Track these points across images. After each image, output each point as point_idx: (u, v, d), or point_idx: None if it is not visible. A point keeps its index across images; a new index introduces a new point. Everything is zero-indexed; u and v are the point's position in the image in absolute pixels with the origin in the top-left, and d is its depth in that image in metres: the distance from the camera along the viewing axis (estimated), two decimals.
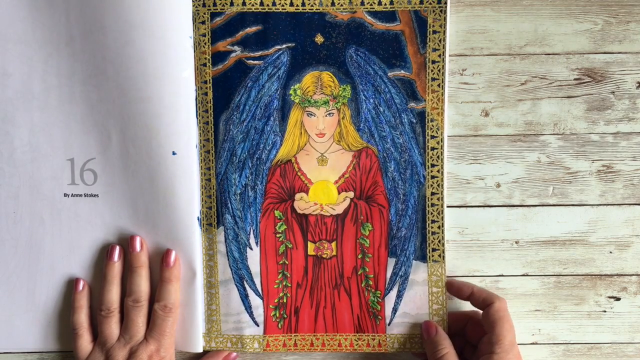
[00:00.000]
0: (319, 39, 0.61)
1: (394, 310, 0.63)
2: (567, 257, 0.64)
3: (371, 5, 0.60)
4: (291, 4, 0.60)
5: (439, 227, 0.62)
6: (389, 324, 0.63)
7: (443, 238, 0.62)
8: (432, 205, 0.62)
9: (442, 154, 0.61)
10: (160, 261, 0.61)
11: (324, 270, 0.63)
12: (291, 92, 0.61)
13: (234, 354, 0.63)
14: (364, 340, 0.63)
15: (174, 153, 0.59)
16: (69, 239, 0.61)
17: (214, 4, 0.60)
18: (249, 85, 0.61)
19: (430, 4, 0.60)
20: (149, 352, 0.59)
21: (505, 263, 0.64)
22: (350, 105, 0.62)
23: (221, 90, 0.61)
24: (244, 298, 0.63)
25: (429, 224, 0.62)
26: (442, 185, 0.62)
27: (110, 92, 0.59)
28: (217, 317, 0.63)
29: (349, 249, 0.63)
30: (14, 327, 0.62)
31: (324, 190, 0.63)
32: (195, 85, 0.61)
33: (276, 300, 0.63)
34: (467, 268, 0.64)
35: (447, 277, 0.63)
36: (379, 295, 0.63)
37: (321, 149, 0.62)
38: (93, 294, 0.62)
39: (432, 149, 0.61)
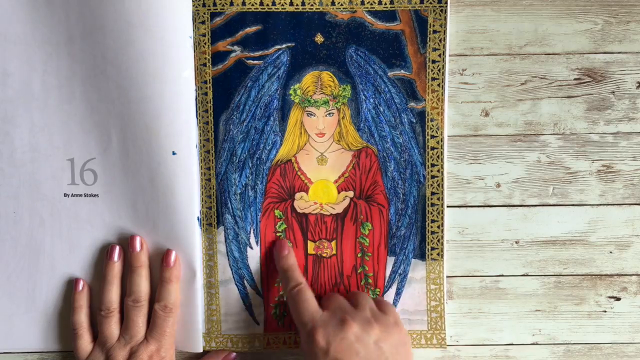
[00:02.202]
0: (319, 38, 0.61)
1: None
2: (567, 257, 0.64)
3: (371, 4, 0.60)
4: (291, 4, 0.60)
5: (438, 227, 0.62)
6: None
7: (442, 237, 0.62)
8: (432, 205, 0.62)
9: (442, 154, 0.61)
10: (160, 261, 0.61)
11: (324, 269, 0.63)
12: (291, 92, 0.61)
13: (234, 354, 0.63)
14: None
15: (174, 153, 0.59)
16: (69, 239, 0.61)
17: (214, 4, 0.60)
18: (249, 85, 0.61)
19: (430, 3, 0.60)
20: (149, 352, 0.59)
21: (505, 263, 0.64)
22: (350, 105, 0.62)
23: (221, 90, 0.61)
24: (245, 297, 0.63)
25: (428, 224, 0.62)
26: (442, 185, 0.62)
27: (110, 92, 0.59)
28: (217, 317, 0.63)
29: (349, 248, 0.63)
30: (14, 327, 0.62)
31: (323, 189, 0.63)
32: (195, 85, 0.61)
33: (277, 299, 0.63)
34: (467, 268, 0.64)
35: (447, 276, 0.63)
36: (378, 292, 0.63)
37: (321, 149, 0.62)
38: (93, 294, 0.62)
39: (432, 148, 0.61)
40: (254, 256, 0.63)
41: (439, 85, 0.61)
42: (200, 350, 0.63)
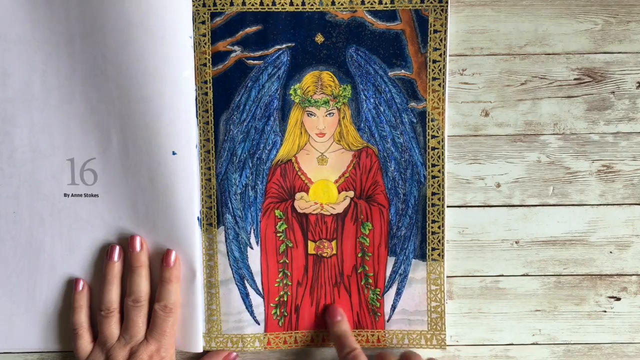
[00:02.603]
0: (319, 38, 0.61)
1: (393, 307, 0.63)
2: (567, 257, 0.64)
3: (372, 4, 0.60)
4: (291, 4, 0.60)
5: (439, 227, 0.62)
6: (387, 321, 0.63)
7: (443, 238, 0.62)
8: (433, 205, 0.62)
9: (442, 154, 0.61)
10: (160, 261, 0.61)
11: (324, 268, 0.63)
12: (291, 92, 0.61)
13: (234, 353, 0.63)
14: (363, 336, 0.64)
15: (174, 153, 0.59)
16: (69, 239, 0.61)
17: (214, 4, 0.60)
18: (249, 85, 0.61)
19: (431, 3, 0.60)
20: (149, 352, 0.59)
21: (505, 263, 0.64)
22: (351, 105, 0.62)
23: (221, 90, 0.61)
24: (245, 297, 0.63)
25: (429, 224, 0.62)
26: (442, 185, 0.62)
27: (110, 92, 0.59)
28: (218, 317, 0.63)
29: (349, 248, 0.63)
30: (14, 327, 0.62)
31: (324, 189, 0.63)
32: (195, 85, 0.61)
33: (277, 299, 0.63)
34: (467, 268, 0.64)
35: (447, 276, 0.63)
36: (378, 292, 0.63)
37: (321, 149, 0.62)
38: (93, 294, 0.62)
39: (433, 148, 0.61)
40: (254, 256, 0.63)
41: (439, 85, 0.61)
42: (200, 350, 0.63)
